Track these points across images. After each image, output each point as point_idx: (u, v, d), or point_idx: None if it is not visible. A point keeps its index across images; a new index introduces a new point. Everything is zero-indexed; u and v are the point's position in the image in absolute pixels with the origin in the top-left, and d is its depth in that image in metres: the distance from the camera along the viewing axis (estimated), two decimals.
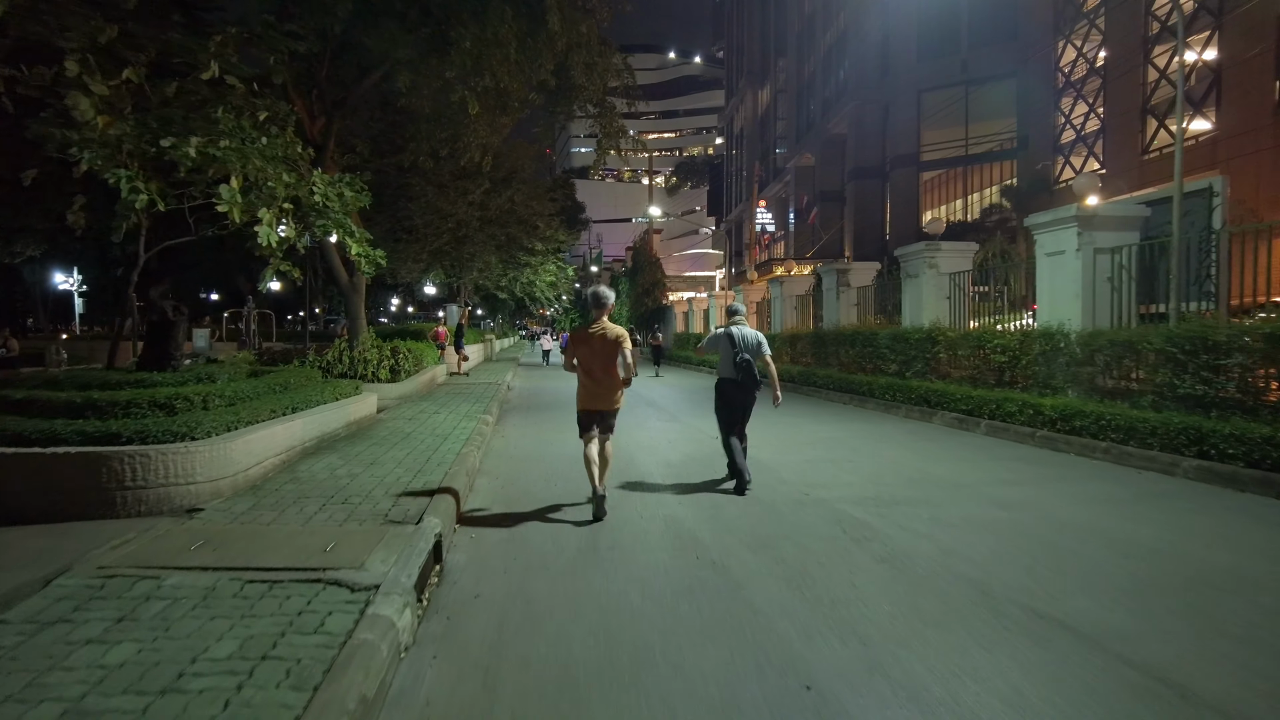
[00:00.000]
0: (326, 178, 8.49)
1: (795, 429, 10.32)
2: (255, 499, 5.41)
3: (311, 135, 14.17)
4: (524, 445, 9.09)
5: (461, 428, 9.39)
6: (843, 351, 14.13)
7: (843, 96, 41.62)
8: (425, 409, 11.45)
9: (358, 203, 8.58)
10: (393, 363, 12.84)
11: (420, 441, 8.23)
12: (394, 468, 6.69)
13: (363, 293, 14.57)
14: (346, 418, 8.83)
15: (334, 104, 13.92)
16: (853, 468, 7.49)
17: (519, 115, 17.27)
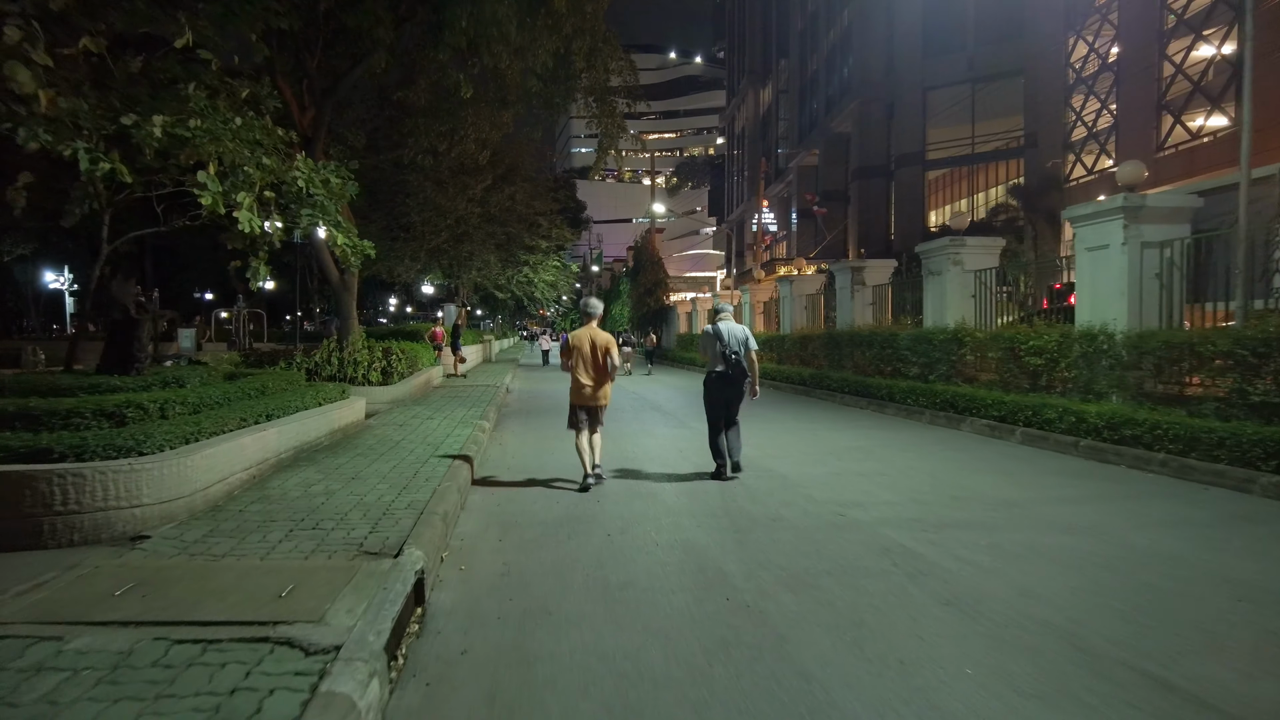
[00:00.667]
0: (310, 163, 7.75)
1: (814, 437, 9.58)
2: (213, 523, 4.66)
3: (302, 126, 13.44)
4: (523, 455, 8.35)
5: (455, 435, 8.65)
6: (858, 353, 13.39)
7: (846, 94, 40.90)
8: (418, 414, 10.71)
9: (345, 192, 7.84)
10: (384, 364, 12.10)
11: (409, 452, 7.49)
12: (377, 483, 5.94)
13: (355, 291, 13.82)
14: (330, 425, 8.08)
15: (324, 92, 13.17)
16: (887, 482, 6.74)
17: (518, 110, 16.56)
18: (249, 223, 7.00)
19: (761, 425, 10.57)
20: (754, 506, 5.85)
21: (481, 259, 24.56)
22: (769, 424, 10.74)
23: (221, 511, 4.96)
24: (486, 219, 23.30)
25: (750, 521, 5.40)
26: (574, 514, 5.64)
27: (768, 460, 7.83)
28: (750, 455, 8.07)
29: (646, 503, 6.00)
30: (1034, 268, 12.26)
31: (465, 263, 24.75)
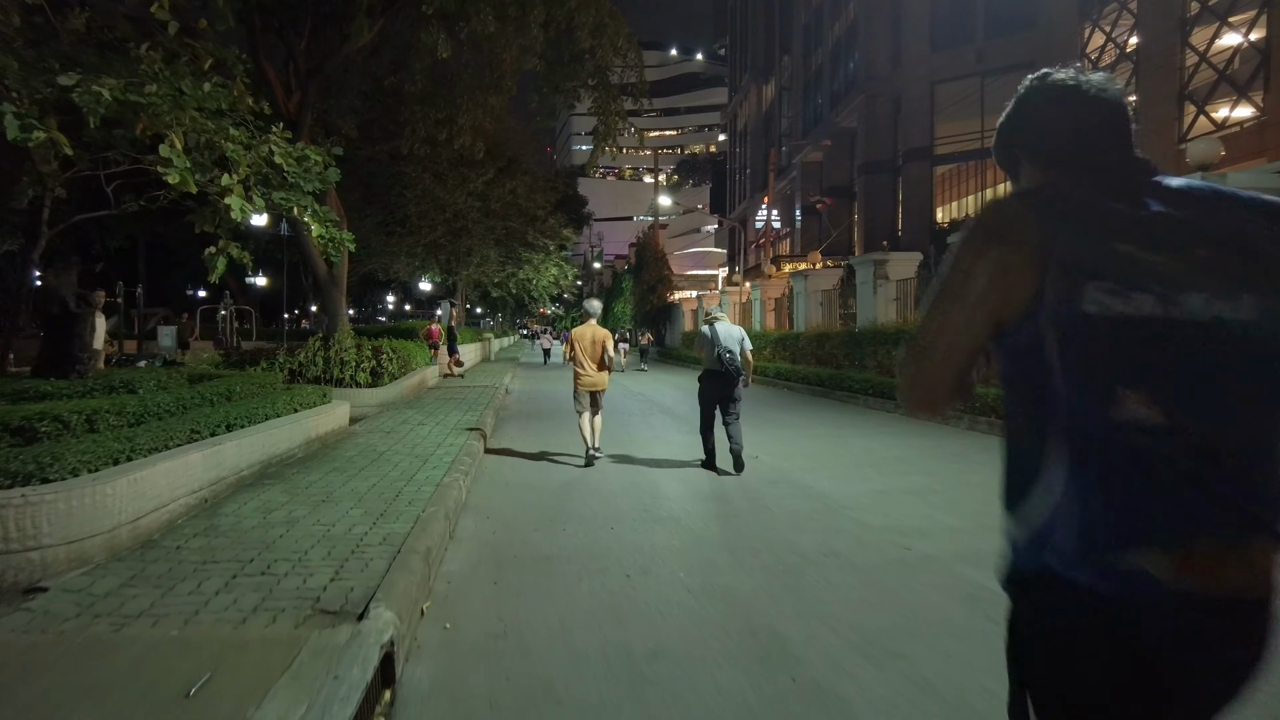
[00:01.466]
0: (288, 136, 6.78)
1: (845, 445, 8.63)
2: (137, 567, 3.71)
3: (287, 111, 12.49)
4: (523, 467, 7.39)
5: (448, 444, 7.69)
6: (883, 353, 12.44)
7: (852, 89, 39.94)
8: (409, 419, 9.75)
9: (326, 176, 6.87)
10: (374, 364, 11.14)
11: (394, 465, 6.53)
12: (350, 508, 4.98)
13: (344, 287, 12.86)
14: (306, 434, 7.13)
15: (309, 73, 12.21)
16: (944, 503, 5.79)
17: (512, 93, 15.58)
18: (241, 210, 6.05)
19: (784, 430, 9.63)
20: (799, 536, 4.89)
21: (481, 254, 23.56)
22: (792, 429, 9.80)
23: (153, 549, 4.01)
24: (486, 213, 22.33)
25: (799, 558, 4.44)
26: (584, 546, 4.69)
27: (801, 474, 6.88)
28: (780, 467, 7.15)
29: (669, 531, 5.05)
30: None
31: (464, 258, 23.77)
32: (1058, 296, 0.97)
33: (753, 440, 8.73)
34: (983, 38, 34.51)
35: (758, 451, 7.94)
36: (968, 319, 1.07)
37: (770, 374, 16.52)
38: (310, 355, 10.78)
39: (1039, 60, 30.30)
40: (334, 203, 12.89)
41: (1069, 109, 1.16)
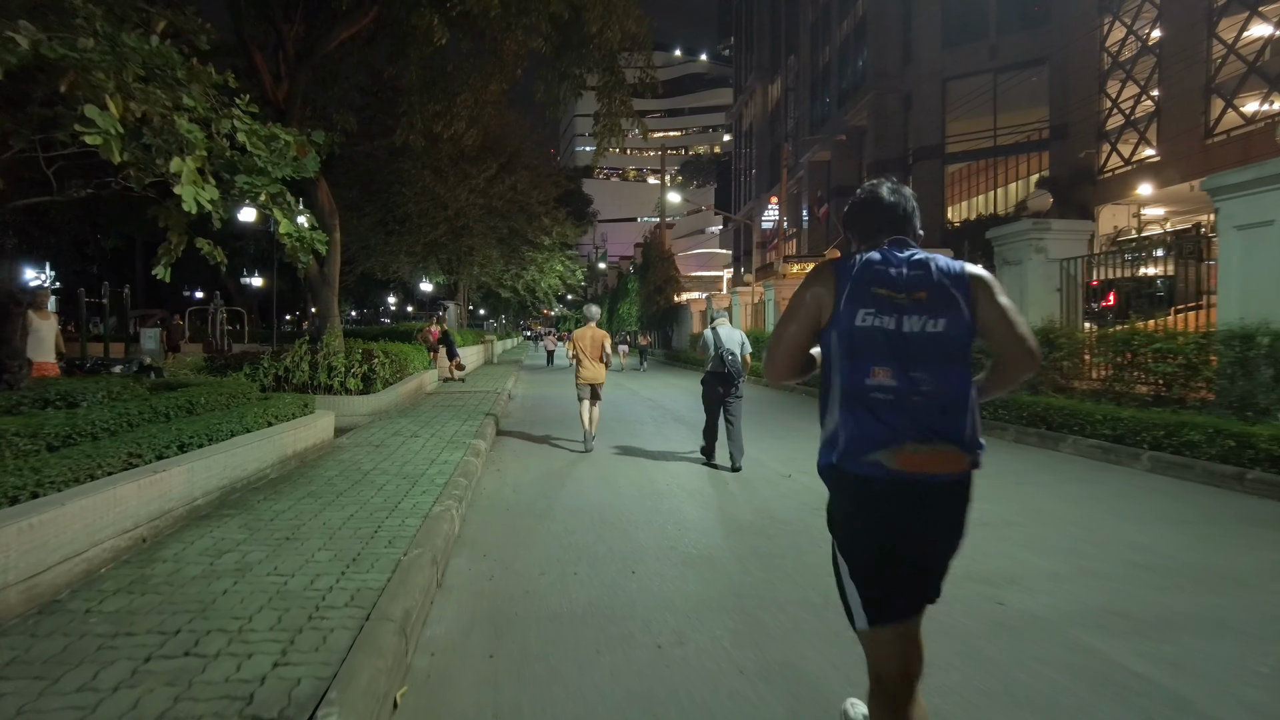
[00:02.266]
0: (253, 110, 5.88)
1: None
2: (19, 647, 2.82)
3: (275, 100, 11.65)
4: (526, 488, 6.50)
5: (442, 461, 6.80)
6: None
7: (861, 87, 39.05)
8: (402, 429, 8.86)
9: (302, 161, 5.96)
10: (365, 370, 10.25)
11: (378, 489, 5.64)
12: (318, 549, 4.09)
13: (336, 286, 11.98)
14: (281, 451, 6.24)
15: (299, 57, 11.35)
16: (1027, 539, 4.88)
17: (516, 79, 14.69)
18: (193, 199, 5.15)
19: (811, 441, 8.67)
20: None
21: (483, 254, 22.67)
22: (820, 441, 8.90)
23: (52, 617, 3.11)
24: (488, 211, 21.45)
25: None
26: (601, 599, 3.79)
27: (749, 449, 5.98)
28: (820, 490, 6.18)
29: (703, 578, 4.15)
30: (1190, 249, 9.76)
31: (466, 258, 22.88)
32: (842, 316, 1.81)
33: (781, 454, 7.84)
34: (995, 33, 33.59)
35: (790, 470, 7.05)
36: (799, 325, 1.94)
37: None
38: (295, 360, 9.90)
39: (1054, 55, 29.50)
40: (325, 197, 12.04)
41: (870, 211, 2.01)
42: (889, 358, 1.76)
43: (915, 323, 1.76)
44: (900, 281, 1.79)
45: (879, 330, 1.76)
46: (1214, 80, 22.02)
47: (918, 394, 1.74)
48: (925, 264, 1.82)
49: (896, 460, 1.74)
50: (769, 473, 6.99)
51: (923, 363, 1.75)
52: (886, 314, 1.77)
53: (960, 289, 1.80)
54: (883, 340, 1.76)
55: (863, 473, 1.79)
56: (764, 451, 8.12)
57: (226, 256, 7.13)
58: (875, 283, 1.78)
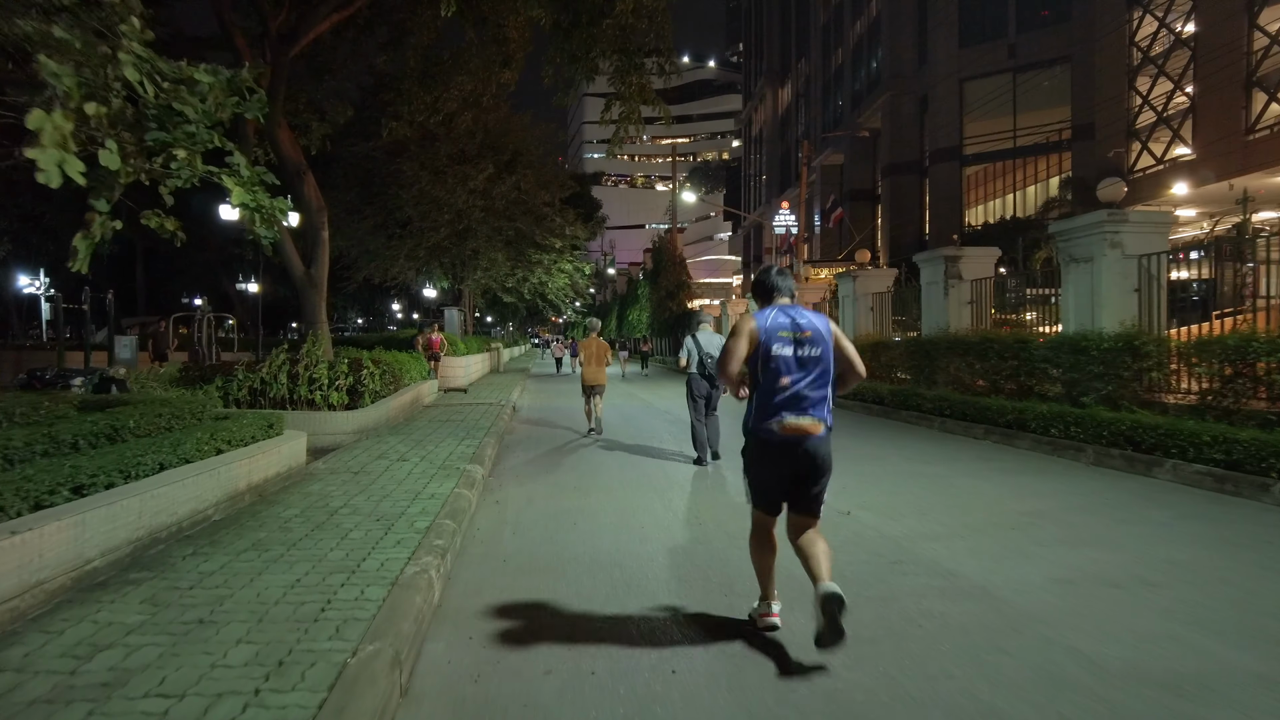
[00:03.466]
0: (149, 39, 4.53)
1: (949, 489, 6.48)
2: None
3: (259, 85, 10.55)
4: (529, 527, 5.30)
5: (429, 494, 5.61)
6: (962, 365, 10.28)
7: (875, 88, 37.90)
8: (389, 451, 7.69)
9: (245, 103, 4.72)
10: (351, 382, 9.09)
11: (342, 537, 4.45)
12: (237, 640, 2.91)
13: (323, 289, 10.85)
14: (229, 486, 5.06)
15: (282, 39, 10.25)
16: (1179, 607, 3.62)
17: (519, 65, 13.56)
18: (56, 167, 3.93)
19: (863, 465, 7.48)
20: (992, 692, 2.77)
21: (488, 257, 21.51)
22: (872, 463, 7.65)
23: None
24: (491, 213, 20.30)
25: None
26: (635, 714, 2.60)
27: (925, 545, 4.74)
28: (889, 532, 5.02)
29: (770, 680, 2.94)
30: None
31: (470, 262, 21.73)
32: (762, 346, 3.10)
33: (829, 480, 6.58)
34: (1015, 32, 32.41)
35: (848, 504, 5.83)
36: (738, 349, 3.14)
37: None
38: (273, 371, 8.75)
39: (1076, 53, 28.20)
40: (313, 192, 10.93)
41: (768, 288, 3.37)
42: (792, 370, 3.13)
43: (804, 350, 3.14)
44: (795, 327, 3.16)
45: (786, 355, 3.14)
46: (1255, 73, 20.76)
47: (804, 390, 3.12)
48: (808, 316, 3.23)
49: (783, 428, 3.11)
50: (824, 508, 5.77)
51: (809, 372, 3.14)
52: (788, 346, 3.15)
53: (826, 331, 3.22)
54: (788, 361, 3.14)
55: (764, 434, 3.17)
56: None
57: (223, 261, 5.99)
58: (781, 329, 3.17)
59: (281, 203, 4.83)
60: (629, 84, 10.24)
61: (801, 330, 3.13)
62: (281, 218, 4.88)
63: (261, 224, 4.79)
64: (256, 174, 4.75)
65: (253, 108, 4.63)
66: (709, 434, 7.70)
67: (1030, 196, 33.44)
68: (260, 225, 4.80)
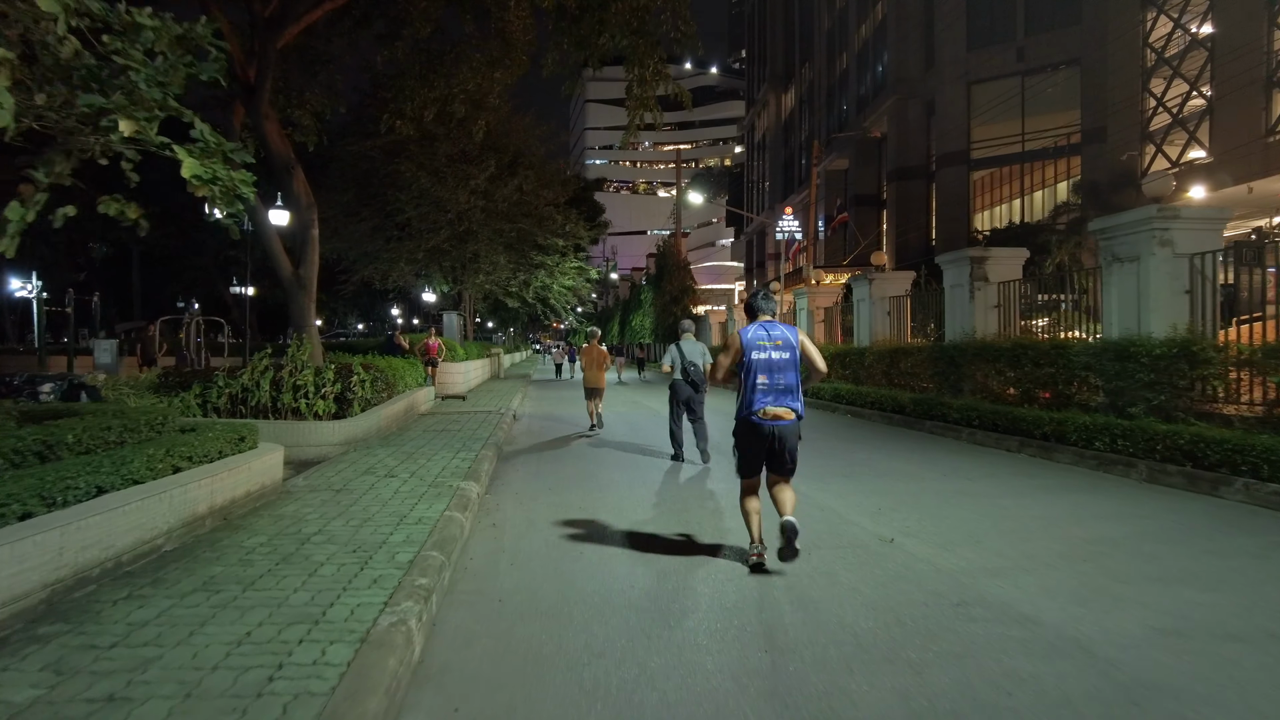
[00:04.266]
0: None
1: (1000, 510, 5.78)
2: None
3: (244, 75, 9.95)
4: (530, 557, 4.61)
5: (416, 518, 4.93)
6: (991, 372, 9.59)
7: (881, 92, 37.31)
8: (377, 465, 7.01)
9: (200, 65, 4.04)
10: (339, 389, 8.41)
11: (311, 572, 3.77)
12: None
13: (313, 291, 10.18)
14: (186, 510, 4.38)
15: (269, 24, 9.61)
16: None
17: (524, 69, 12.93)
18: None
19: (897, 483, 6.78)
20: None
21: (489, 260, 20.83)
22: (906, 480, 6.95)
23: None
24: (492, 214, 19.65)
25: None
26: None
27: (990, 582, 4.04)
28: (946, 565, 4.31)
29: None
30: None
31: (470, 265, 21.07)
32: (744, 354, 4.22)
33: (862, 501, 5.88)
34: (1023, 34, 31.81)
35: (888, 528, 5.15)
36: (725, 360, 4.40)
37: (827, 395, 13.63)
38: (254, 377, 8.07)
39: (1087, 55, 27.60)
40: (301, 187, 10.29)
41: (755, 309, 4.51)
42: (766, 371, 4.15)
43: (776, 354, 4.16)
44: (769, 337, 4.20)
45: (762, 359, 4.16)
46: (1276, 74, 20.14)
47: (777, 384, 4.13)
48: (780, 329, 4.26)
49: (762, 414, 4.11)
50: (861, 534, 5.08)
51: (780, 371, 4.15)
52: (764, 352, 4.16)
53: (794, 339, 4.25)
54: (764, 363, 4.16)
55: (751, 419, 4.16)
56: (839, 497, 6.21)
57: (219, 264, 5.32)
58: (759, 340, 4.20)
59: (244, 175, 4.15)
60: (645, 69, 9.59)
61: (774, 340, 4.23)
62: (245, 191, 4.20)
63: (221, 200, 4.11)
64: (224, 145, 4.07)
65: (210, 69, 3.96)
66: (697, 437, 8.06)
67: (1038, 202, 32.85)
68: (220, 201, 4.12)
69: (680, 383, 7.98)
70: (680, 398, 8.02)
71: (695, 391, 7.97)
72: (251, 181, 4.24)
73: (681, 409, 8.06)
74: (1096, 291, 9.18)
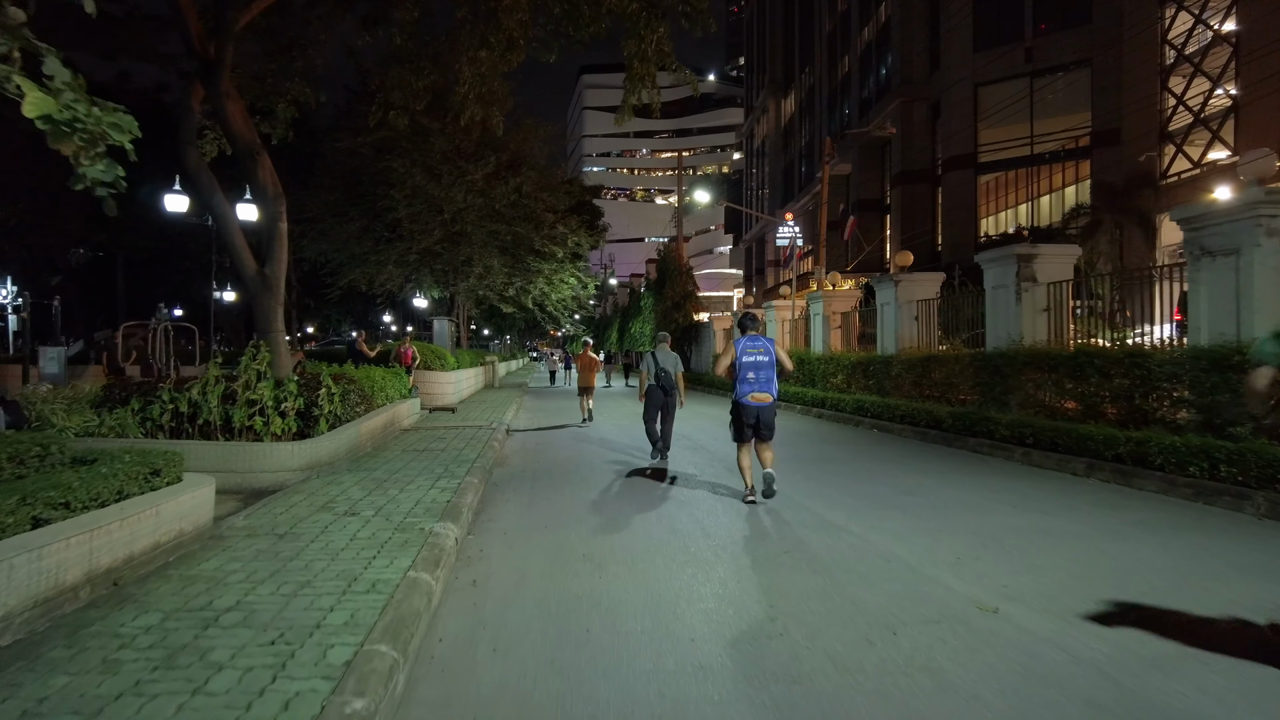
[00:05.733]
0: None
1: (1097, 555, 4.56)
2: None
3: (203, 52, 8.79)
4: (519, 636, 3.38)
5: (369, 581, 3.72)
6: (1047, 383, 8.42)
7: (885, 95, 36.35)
8: (338, 499, 5.79)
9: None
10: (302, 404, 7.20)
11: (197, 685, 2.56)
12: None
13: (279, 291, 8.96)
14: (50, 578, 3.16)
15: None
16: None
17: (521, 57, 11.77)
18: None
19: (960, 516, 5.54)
20: None
21: (483, 264, 19.61)
22: (970, 513, 5.72)
23: None
24: (489, 215, 18.47)
25: None
26: None
27: (1147, 674, 2.85)
28: (1081, 650, 3.07)
29: None
30: None
31: (463, 269, 19.85)
32: (738, 358, 6.21)
33: (930, 543, 4.59)
34: (1032, 35, 30.85)
35: (985, 590, 3.96)
36: (724, 360, 6.46)
37: (849, 409, 12.41)
38: (202, 391, 6.86)
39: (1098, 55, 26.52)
40: (268, 175, 9.10)
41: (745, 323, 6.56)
42: (753, 369, 6.09)
43: (759, 358, 6.13)
44: (755, 347, 6.16)
45: (749, 361, 6.12)
46: None
47: (760, 379, 6.08)
48: (761, 340, 6.23)
49: (750, 398, 6.06)
50: (951, 598, 3.88)
51: (762, 369, 6.09)
52: (751, 356, 6.13)
53: (771, 348, 6.24)
54: (751, 364, 6.10)
55: (742, 401, 6.09)
56: (901, 541, 5.01)
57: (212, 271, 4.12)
58: (747, 348, 6.17)
59: (119, 118, 2.95)
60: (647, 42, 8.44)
61: (758, 349, 6.20)
62: (118, 139, 3.00)
63: (87, 157, 2.91)
64: (75, 81, 2.87)
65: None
66: (664, 435, 8.71)
67: (1045, 206, 31.85)
68: (86, 159, 2.91)
69: (655, 389, 8.66)
70: (655, 403, 8.66)
71: (666, 396, 8.60)
72: (133, 130, 3.04)
73: (656, 411, 8.65)
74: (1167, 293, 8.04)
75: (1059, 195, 31.18)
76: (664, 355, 8.72)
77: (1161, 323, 8.35)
